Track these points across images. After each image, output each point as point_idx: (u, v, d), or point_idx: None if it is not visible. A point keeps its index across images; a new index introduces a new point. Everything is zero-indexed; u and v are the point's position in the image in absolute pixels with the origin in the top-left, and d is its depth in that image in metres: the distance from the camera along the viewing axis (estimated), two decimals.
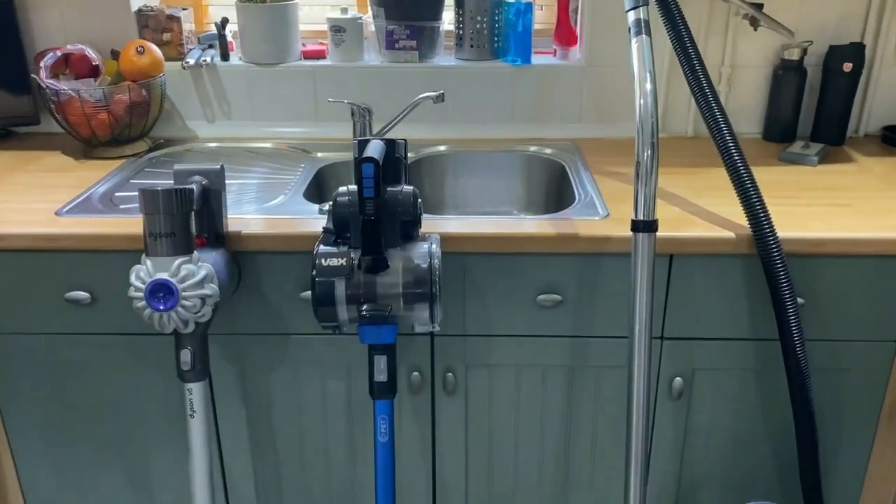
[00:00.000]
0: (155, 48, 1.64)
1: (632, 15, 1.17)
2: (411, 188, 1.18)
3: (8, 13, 1.65)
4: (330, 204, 1.17)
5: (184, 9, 1.73)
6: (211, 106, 1.75)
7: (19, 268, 1.31)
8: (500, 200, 1.72)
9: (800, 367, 1.26)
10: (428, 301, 1.16)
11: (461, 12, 1.70)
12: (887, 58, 1.67)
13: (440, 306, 1.17)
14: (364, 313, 1.14)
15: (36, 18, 1.70)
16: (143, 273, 1.10)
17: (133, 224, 1.29)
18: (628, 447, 1.22)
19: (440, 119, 1.74)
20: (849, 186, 1.44)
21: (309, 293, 1.31)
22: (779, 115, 1.69)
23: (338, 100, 1.53)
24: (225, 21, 1.72)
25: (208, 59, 1.70)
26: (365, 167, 1.08)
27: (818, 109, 1.68)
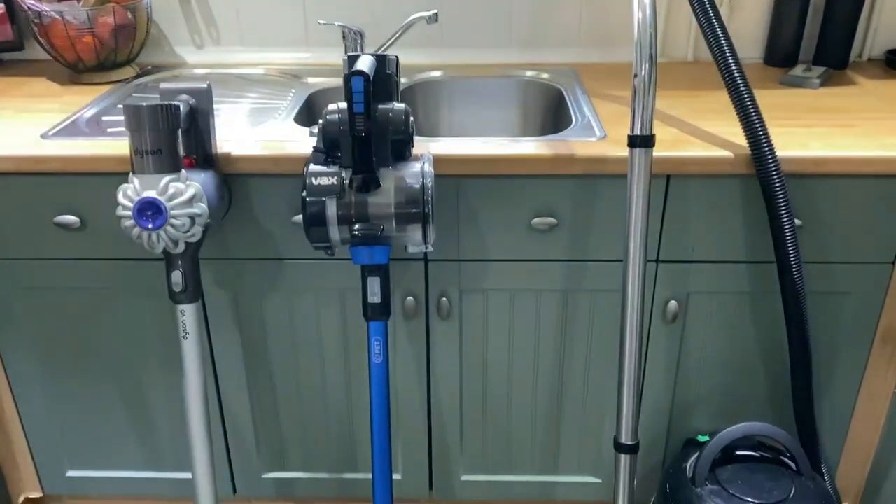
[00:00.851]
0: None
1: None
2: (403, 105, 1.15)
3: None
4: (320, 122, 1.15)
5: None
6: (199, 31, 1.71)
7: (6, 192, 1.29)
8: (496, 127, 1.69)
9: (796, 290, 1.26)
10: (420, 221, 1.14)
11: None
12: None
13: (433, 226, 1.15)
14: (356, 233, 1.13)
15: None
16: (131, 191, 1.09)
17: (121, 147, 1.26)
18: (621, 370, 1.23)
19: (435, 44, 1.70)
20: (850, 108, 1.42)
21: (301, 217, 1.29)
22: (781, 39, 1.65)
23: (329, 22, 1.49)
24: None
25: None
26: (354, 81, 1.05)
27: (821, 33, 1.64)
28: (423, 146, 1.25)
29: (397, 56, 1.20)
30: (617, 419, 1.25)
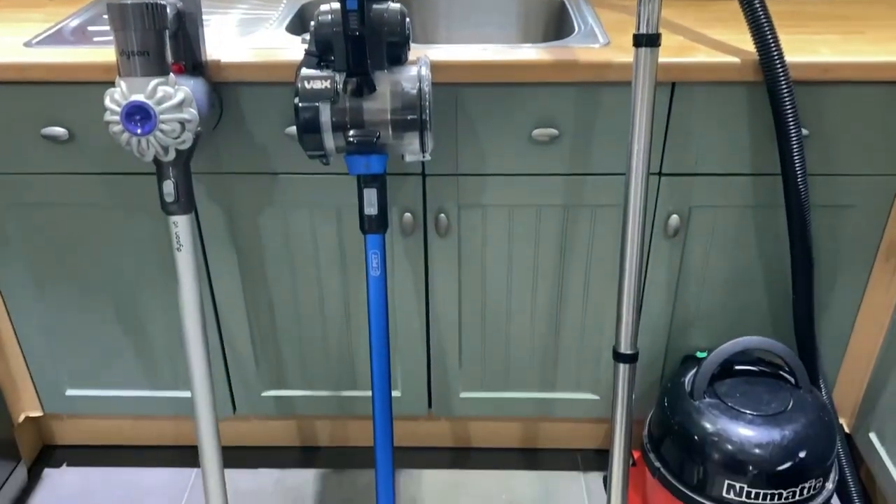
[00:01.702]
0: None
1: None
2: (398, 5, 1.10)
3: None
4: (312, 24, 1.10)
5: None
6: None
7: None
8: (496, 40, 1.64)
9: (800, 202, 1.23)
10: (418, 129, 1.11)
11: None
12: None
13: (431, 134, 1.12)
14: (351, 139, 1.10)
15: None
16: (118, 95, 1.05)
17: (108, 54, 1.22)
18: (621, 285, 1.21)
19: None
20: (862, 16, 1.37)
21: (294, 128, 1.26)
22: None
23: None
24: None
25: None
26: None
27: None
28: (421, 52, 1.21)
29: None
30: (616, 329, 1.24)
